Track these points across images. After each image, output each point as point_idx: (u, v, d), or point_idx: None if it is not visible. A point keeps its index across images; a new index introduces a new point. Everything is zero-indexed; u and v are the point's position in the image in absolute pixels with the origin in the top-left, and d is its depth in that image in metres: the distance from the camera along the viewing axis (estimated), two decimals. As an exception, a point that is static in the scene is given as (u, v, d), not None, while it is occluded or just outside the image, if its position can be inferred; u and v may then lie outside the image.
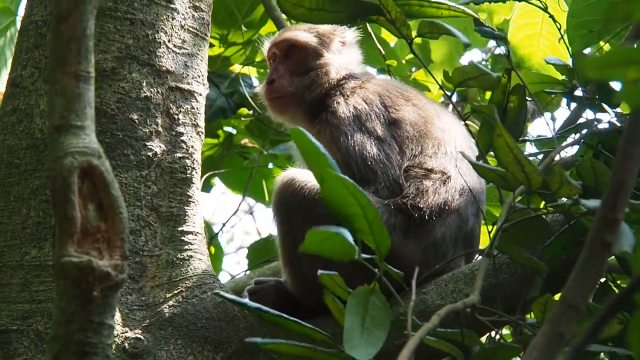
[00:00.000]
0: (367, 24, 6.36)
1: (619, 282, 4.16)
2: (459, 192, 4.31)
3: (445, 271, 4.16)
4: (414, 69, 7.71)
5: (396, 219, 4.21)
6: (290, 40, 4.87)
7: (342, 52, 4.86)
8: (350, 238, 2.91)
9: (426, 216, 4.23)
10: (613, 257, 3.76)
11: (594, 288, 2.26)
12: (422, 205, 4.24)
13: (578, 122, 4.31)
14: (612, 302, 2.05)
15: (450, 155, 4.37)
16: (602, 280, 3.99)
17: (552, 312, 2.21)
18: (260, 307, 3.15)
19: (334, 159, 4.38)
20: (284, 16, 6.82)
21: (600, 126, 4.15)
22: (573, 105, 4.61)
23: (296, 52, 4.85)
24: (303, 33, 4.86)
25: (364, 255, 2.99)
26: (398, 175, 4.34)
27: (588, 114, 4.34)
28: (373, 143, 4.40)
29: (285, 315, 3.13)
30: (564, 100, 4.49)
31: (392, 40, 7.49)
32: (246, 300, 3.28)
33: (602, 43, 4.81)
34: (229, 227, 13.84)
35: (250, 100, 6.95)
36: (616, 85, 4.46)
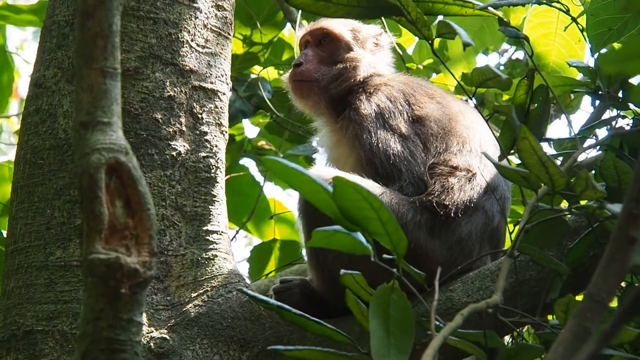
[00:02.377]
0: (386, 29, 6.37)
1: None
2: (484, 189, 4.29)
3: (471, 268, 4.15)
4: (434, 75, 7.71)
5: (422, 216, 4.20)
6: (326, 29, 4.87)
7: (374, 52, 4.86)
8: (361, 238, 2.90)
9: (452, 214, 4.22)
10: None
11: (619, 283, 2.25)
12: (447, 203, 4.22)
13: (598, 121, 4.29)
14: (629, 303, 2.03)
15: (475, 153, 4.35)
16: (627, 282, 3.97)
17: (578, 308, 2.20)
18: (282, 305, 3.14)
19: (357, 156, 4.42)
20: (303, 22, 6.82)
21: (622, 124, 4.12)
22: (586, 105, 4.60)
23: (329, 41, 4.85)
24: (339, 25, 4.87)
25: (385, 256, 2.98)
26: (422, 172, 4.33)
27: (610, 115, 4.31)
28: (397, 140, 4.39)
29: (306, 315, 3.11)
30: (583, 103, 4.47)
31: (408, 45, 7.49)
32: (268, 298, 3.26)
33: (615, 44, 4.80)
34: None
35: (268, 102, 6.96)
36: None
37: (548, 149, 5.09)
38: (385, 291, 2.95)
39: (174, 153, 4.15)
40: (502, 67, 7.71)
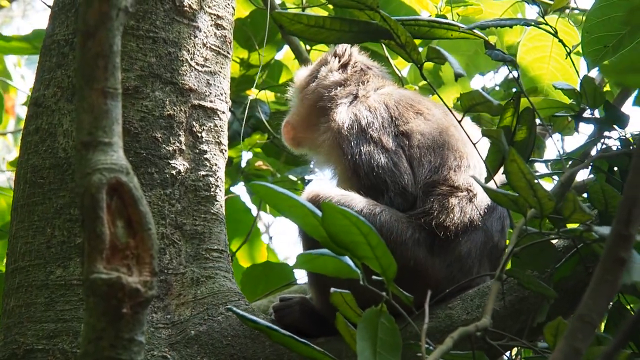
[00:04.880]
0: (385, 51, 6.39)
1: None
2: (484, 208, 4.29)
3: (471, 286, 4.15)
4: (429, 96, 7.70)
5: (420, 234, 4.20)
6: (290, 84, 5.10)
7: (344, 72, 4.93)
8: (348, 261, 2.92)
9: (452, 234, 4.21)
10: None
11: (609, 304, 2.25)
12: (448, 224, 4.21)
13: (584, 142, 4.29)
14: (624, 330, 2.04)
15: (474, 169, 4.34)
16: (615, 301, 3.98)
17: (568, 329, 2.20)
18: (270, 325, 3.15)
19: (340, 165, 4.44)
20: (301, 43, 6.84)
21: (610, 144, 4.13)
22: (583, 128, 4.60)
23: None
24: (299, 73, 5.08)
25: (375, 278, 2.99)
26: (406, 183, 4.32)
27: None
28: (379, 151, 4.39)
29: (294, 336, 3.12)
30: (582, 125, 4.47)
31: (403, 67, 7.49)
32: (256, 317, 3.26)
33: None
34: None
35: (266, 124, 6.97)
36: (625, 108, 4.48)
37: (545, 169, 5.10)
38: (374, 314, 2.97)
39: (173, 172, 4.16)
40: (497, 88, 7.72)
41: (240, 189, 7.98)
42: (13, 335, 3.98)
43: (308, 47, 6.97)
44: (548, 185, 5.51)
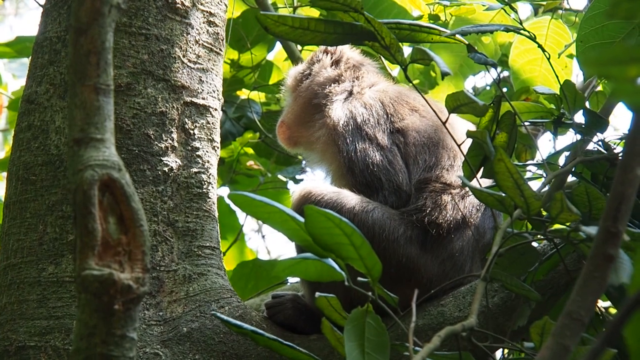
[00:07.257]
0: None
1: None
2: (476, 207, 4.29)
3: (463, 283, 4.15)
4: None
5: (413, 231, 4.20)
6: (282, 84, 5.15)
7: (336, 68, 4.94)
8: (332, 264, 2.92)
9: (444, 232, 4.21)
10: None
11: (597, 301, 2.25)
12: (440, 221, 4.21)
13: (564, 147, 4.30)
14: (610, 329, 2.03)
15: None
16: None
17: (557, 326, 2.20)
18: (255, 329, 3.15)
19: (335, 162, 4.44)
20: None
21: (589, 148, 4.13)
22: (562, 133, 4.61)
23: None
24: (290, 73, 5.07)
25: (360, 279, 3.00)
26: (401, 182, 4.32)
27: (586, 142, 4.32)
28: (375, 149, 4.39)
29: (280, 339, 3.12)
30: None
31: (395, 67, 7.47)
32: (241, 323, 3.25)
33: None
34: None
35: (258, 123, 6.97)
36: (603, 113, 4.48)
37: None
38: (360, 314, 2.97)
39: (166, 169, 4.16)
40: (488, 87, 7.71)
41: (225, 191, 7.97)
42: (5, 332, 3.97)
43: (300, 47, 6.96)
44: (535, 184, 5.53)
